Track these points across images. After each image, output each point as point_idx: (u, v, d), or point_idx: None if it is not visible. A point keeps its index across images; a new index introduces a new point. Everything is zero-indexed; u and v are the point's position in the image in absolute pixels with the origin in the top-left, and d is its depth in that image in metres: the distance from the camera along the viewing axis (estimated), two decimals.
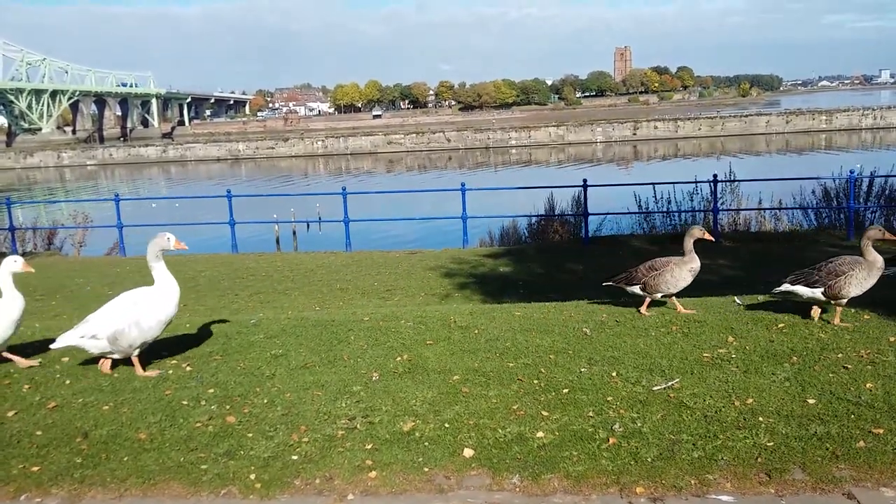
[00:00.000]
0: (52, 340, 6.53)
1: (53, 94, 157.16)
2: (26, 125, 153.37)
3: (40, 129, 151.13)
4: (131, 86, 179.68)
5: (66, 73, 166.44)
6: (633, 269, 7.66)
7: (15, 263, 6.83)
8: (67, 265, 17.44)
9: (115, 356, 6.48)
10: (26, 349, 7.44)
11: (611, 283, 7.85)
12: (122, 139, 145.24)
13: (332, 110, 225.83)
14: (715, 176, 17.08)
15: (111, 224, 19.87)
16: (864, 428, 4.75)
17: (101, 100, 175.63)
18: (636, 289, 7.58)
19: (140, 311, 6.28)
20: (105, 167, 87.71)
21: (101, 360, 6.59)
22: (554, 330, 7.22)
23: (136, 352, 6.43)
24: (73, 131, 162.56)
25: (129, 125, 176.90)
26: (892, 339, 6.34)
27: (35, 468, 4.87)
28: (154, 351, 7.22)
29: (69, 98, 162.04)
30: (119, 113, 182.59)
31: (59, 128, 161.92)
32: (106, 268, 16.51)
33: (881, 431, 4.68)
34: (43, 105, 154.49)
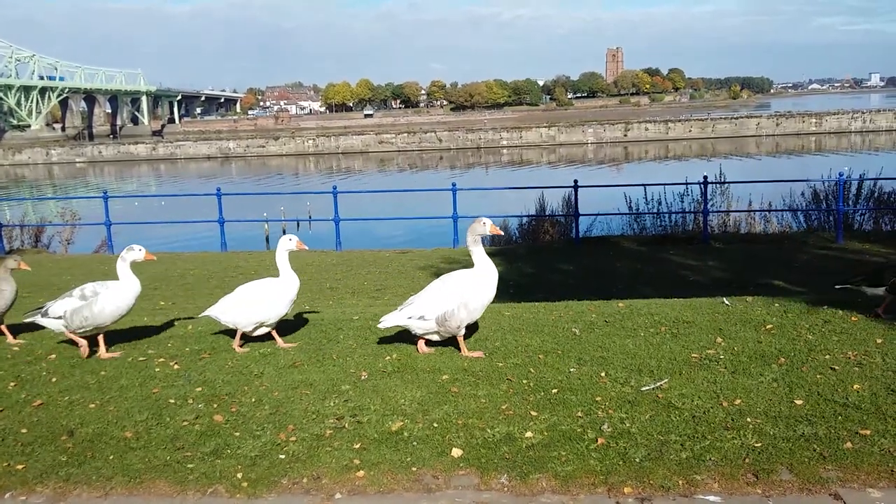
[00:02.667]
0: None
1: (42, 90, 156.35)
2: (15, 122, 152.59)
3: (29, 126, 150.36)
4: (121, 82, 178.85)
5: (56, 69, 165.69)
6: (882, 269, 7.10)
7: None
8: (55, 263, 17.33)
9: (434, 337, 6.58)
10: (15, 343, 7.39)
11: (847, 286, 7.36)
12: (111, 136, 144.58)
13: (323, 109, 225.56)
14: (705, 177, 17.13)
15: (99, 222, 19.75)
16: (851, 429, 4.76)
17: (90, 97, 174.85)
18: (880, 291, 7.02)
19: (467, 293, 6.35)
20: (94, 164, 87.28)
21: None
22: (543, 330, 7.22)
23: (463, 331, 6.49)
24: (63, 128, 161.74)
25: (118, 122, 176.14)
26: (879, 340, 6.37)
27: (20, 466, 4.83)
28: (139, 349, 7.19)
29: (58, 95, 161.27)
30: (109, 110, 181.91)
31: (48, 125, 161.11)
32: (94, 265, 16.41)
33: (868, 433, 4.70)
34: (32, 102, 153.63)
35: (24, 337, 7.86)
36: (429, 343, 6.72)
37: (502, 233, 6.86)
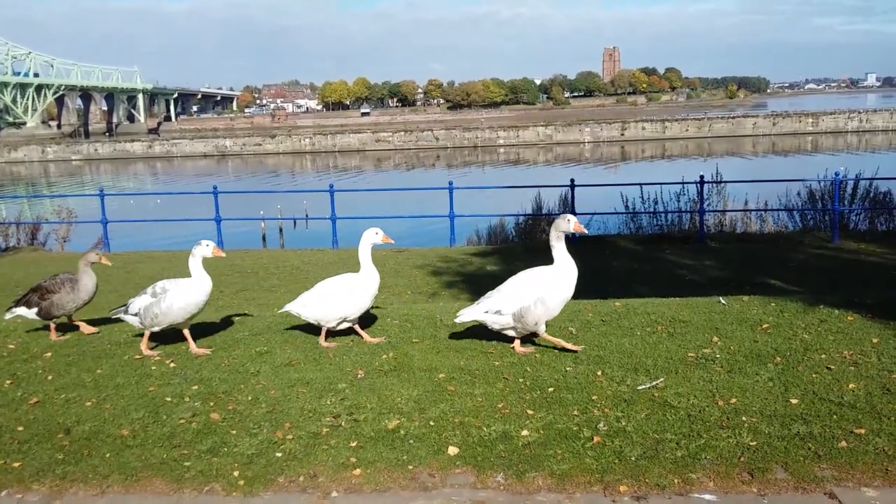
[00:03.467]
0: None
1: (38, 88, 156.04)
2: (11, 119, 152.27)
3: (25, 124, 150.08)
4: (117, 80, 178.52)
5: (52, 67, 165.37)
6: None
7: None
8: (51, 260, 17.30)
9: (511, 333, 6.51)
10: (11, 342, 7.38)
11: None
12: (107, 134, 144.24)
13: (320, 107, 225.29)
14: (701, 177, 17.15)
15: (96, 219, 19.72)
16: (846, 428, 4.78)
17: (86, 94, 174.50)
18: None
19: (545, 290, 6.29)
20: (90, 162, 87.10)
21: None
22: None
23: (542, 328, 6.42)
24: (59, 126, 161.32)
25: (114, 120, 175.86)
26: (874, 340, 6.39)
27: (16, 464, 4.83)
28: (135, 347, 7.18)
29: (54, 92, 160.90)
30: (105, 108, 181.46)
31: (44, 122, 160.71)
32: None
33: (863, 432, 4.72)
34: (28, 99, 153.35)
35: (21, 336, 7.85)
36: (523, 342, 6.63)
37: (586, 231, 6.81)
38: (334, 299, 6.82)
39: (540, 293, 6.28)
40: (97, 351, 7.11)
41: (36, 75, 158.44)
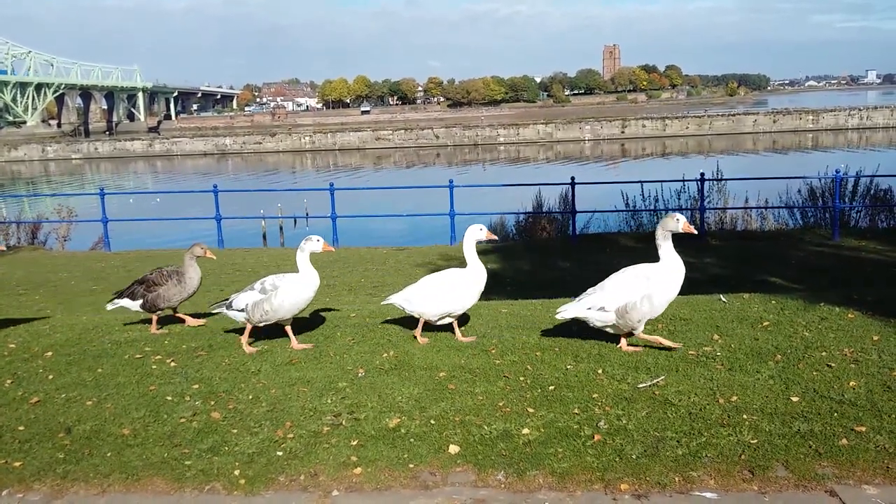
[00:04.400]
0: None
1: (38, 87, 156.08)
2: (11, 118, 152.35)
3: (25, 123, 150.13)
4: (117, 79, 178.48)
5: (52, 66, 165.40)
6: None
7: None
8: (51, 259, 17.31)
9: (609, 330, 6.40)
10: (11, 341, 7.38)
11: None
12: (107, 133, 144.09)
13: (320, 106, 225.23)
14: (702, 174, 17.15)
15: (96, 218, 19.73)
16: (846, 426, 4.78)
17: (86, 93, 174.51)
18: None
19: (653, 287, 6.17)
20: (90, 161, 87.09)
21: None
22: (540, 327, 7.23)
23: (641, 328, 6.33)
24: (59, 125, 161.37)
25: (114, 119, 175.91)
26: (875, 337, 6.39)
27: (17, 463, 4.83)
28: (135, 346, 7.19)
29: (54, 91, 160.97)
30: (105, 106, 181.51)
31: (43, 121, 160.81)
32: (90, 262, 16.39)
33: (864, 429, 4.72)
34: (28, 98, 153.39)
35: (21, 335, 7.85)
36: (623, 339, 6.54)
37: (696, 231, 6.72)
38: (441, 295, 6.74)
39: (647, 290, 6.15)
40: (98, 350, 7.11)
41: (37, 74, 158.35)
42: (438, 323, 6.96)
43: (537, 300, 8.63)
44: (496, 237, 7.08)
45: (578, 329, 7.08)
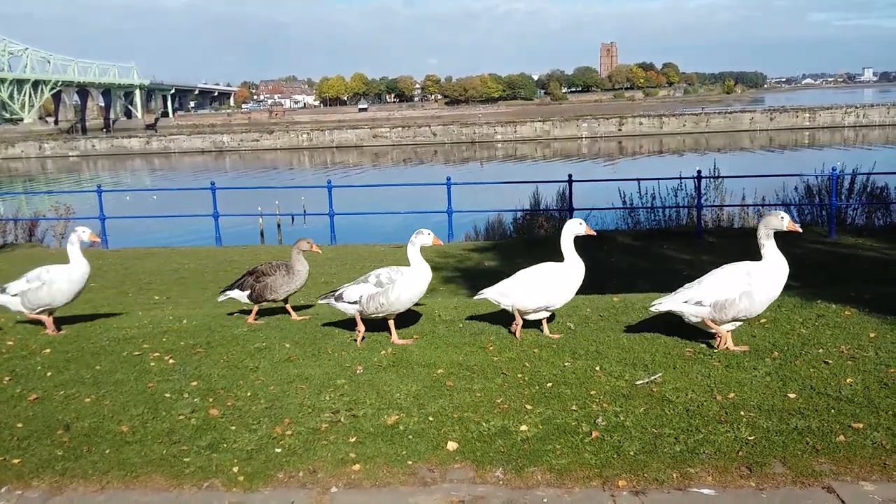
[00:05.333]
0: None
1: (35, 84, 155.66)
2: (8, 115, 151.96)
3: (22, 120, 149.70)
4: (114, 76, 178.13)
5: (49, 63, 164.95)
6: None
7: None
8: (49, 257, 17.27)
9: (713, 328, 6.25)
10: (10, 338, 7.38)
11: None
12: (104, 130, 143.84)
13: (317, 103, 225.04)
14: (699, 172, 17.17)
15: (93, 216, 19.70)
16: (843, 422, 4.80)
17: (83, 90, 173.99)
18: None
19: (754, 285, 6.08)
20: (87, 158, 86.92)
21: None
22: (538, 324, 7.23)
23: (732, 326, 6.25)
24: (56, 122, 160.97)
25: (112, 116, 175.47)
26: (872, 334, 6.41)
27: (16, 460, 4.83)
28: (134, 343, 7.19)
29: (51, 88, 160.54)
30: (102, 104, 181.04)
31: (41, 118, 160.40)
32: (89, 259, 16.34)
33: (861, 426, 4.73)
34: (25, 95, 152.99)
35: (20, 332, 7.85)
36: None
37: (800, 230, 6.68)
38: (539, 289, 6.65)
39: (747, 287, 6.06)
40: (96, 347, 7.11)
41: (34, 71, 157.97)
42: (531, 318, 6.84)
43: None
44: (594, 232, 6.98)
45: (575, 326, 7.10)
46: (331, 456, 4.73)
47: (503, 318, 7.58)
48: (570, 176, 17.64)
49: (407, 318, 7.67)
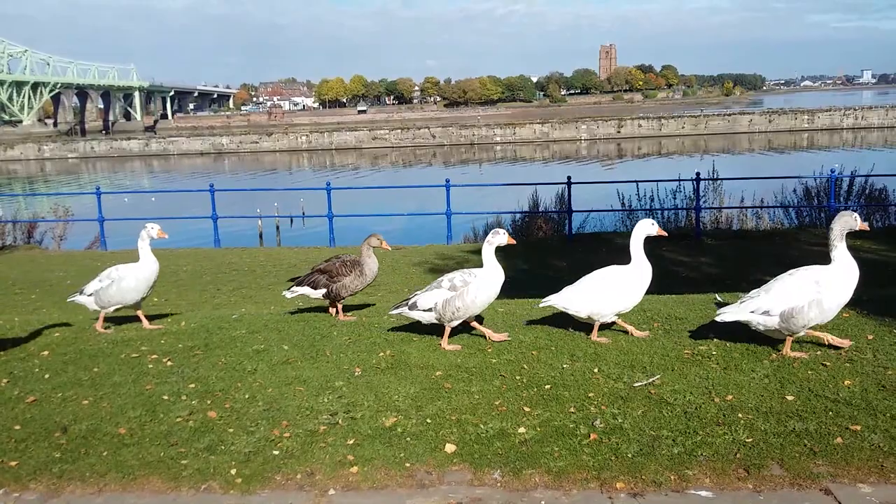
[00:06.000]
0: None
1: (35, 86, 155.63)
2: (7, 117, 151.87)
3: (21, 122, 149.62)
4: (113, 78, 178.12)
5: (48, 65, 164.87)
6: None
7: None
8: (48, 259, 17.28)
9: (770, 335, 6.14)
10: (6, 343, 7.37)
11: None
12: (104, 132, 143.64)
13: (316, 105, 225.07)
14: (698, 174, 17.19)
15: (92, 218, 19.70)
16: (841, 425, 4.80)
17: (83, 92, 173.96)
18: None
19: (823, 291, 5.92)
20: (87, 160, 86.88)
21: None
22: (536, 326, 7.24)
23: (802, 333, 6.11)
24: (55, 124, 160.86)
25: (111, 118, 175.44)
26: (870, 336, 6.41)
27: (13, 463, 4.83)
28: (132, 345, 7.18)
29: (51, 90, 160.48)
30: (101, 106, 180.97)
31: (40, 120, 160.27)
32: (87, 262, 16.35)
33: (858, 428, 4.74)
34: (24, 97, 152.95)
35: (17, 334, 7.84)
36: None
37: (868, 228, 6.62)
38: (607, 293, 6.55)
39: (816, 295, 5.88)
40: (94, 349, 7.10)
41: (34, 73, 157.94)
42: (606, 321, 6.75)
43: (533, 299, 8.62)
44: (665, 233, 6.88)
45: (574, 328, 7.10)
46: (329, 458, 4.72)
47: (502, 319, 7.58)
48: (568, 178, 17.66)
49: (406, 319, 7.67)
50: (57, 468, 4.74)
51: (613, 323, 6.90)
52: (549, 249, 15.70)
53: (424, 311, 6.73)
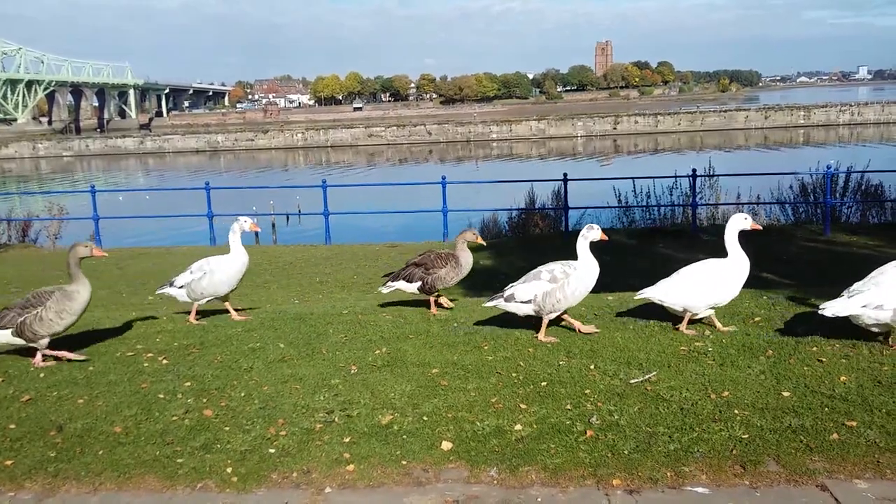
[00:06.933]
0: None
1: (29, 84, 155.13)
2: (1, 115, 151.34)
3: (15, 120, 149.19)
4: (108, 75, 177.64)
5: (42, 62, 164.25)
6: None
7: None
8: (42, 257, 17.24)
9: (875, 329, 6.01)
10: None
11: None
12: (98, 130, 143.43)
13: (312, 102, 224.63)
14: (694, 171, 17.20)
15: (87, 216, 19.65)
16: (837, 420, 4.80)
17: (77, 90, 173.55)
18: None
19: None
20: (81, 158, 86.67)
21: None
22: (533, 323, 7.23)
23: None
24: (49, 122, 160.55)
25: (106, 116, 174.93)
26: None
27: (8, 462, 4.81)
28: (127, 343, 7.16)
29: (45, 88, 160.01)
30: (96, 104, 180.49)
31: (34, 118, 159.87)
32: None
33: (854, 424, 4.74)
34: (18, 95, 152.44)
35: None
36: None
37: (760, 227, 6.67)
38: (704, 286, 6.54)
39: None
40: (89, 348, 7.08)
41: (27, 71, 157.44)
42: (700, 316, 6.73)
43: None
44: (760, 227, 6.86)
45: (570, 325, 7.09)
46: (325, 456, 4.72)
47: (497, 317, 7.57)
48: (565, 175, 17.65)
49: (405, 317, 7.67)
50: (52, 467, 4.73)
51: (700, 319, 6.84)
52: (545, 246, 15.69)
53: (522, 302, 6.74)
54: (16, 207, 27.52)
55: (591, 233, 6.76)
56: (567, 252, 8.12)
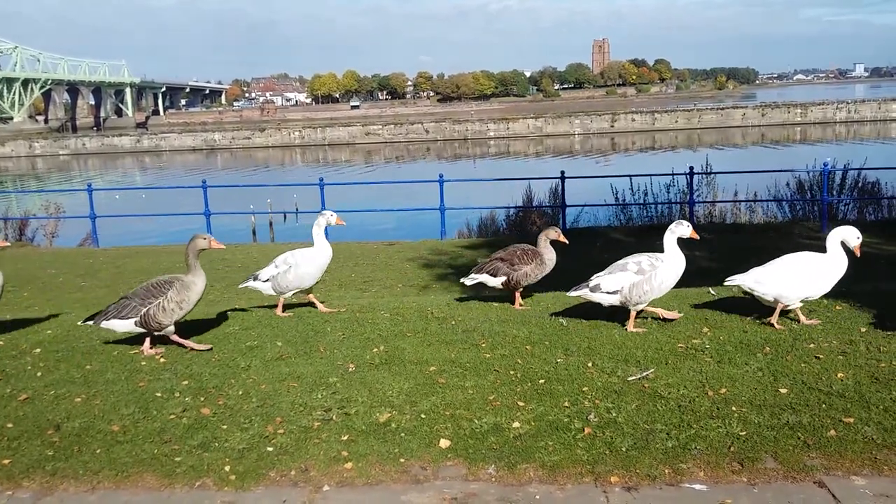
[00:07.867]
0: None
1: (25, 82, 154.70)
2: None
3: (12, 119, 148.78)
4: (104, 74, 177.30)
5: (39, 61, 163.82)
6: None
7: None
8: (39, 256, 17.20)
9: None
10: (3, 338, 7.34)
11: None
12: (95, 129, 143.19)
13: (309, 101, 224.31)
14: (691, 168, 17.20)
15: (84, 214, 19.62)
16: (835, 417, 4.81)
17: (74, 88, 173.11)
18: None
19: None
20: (78, 157, 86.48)
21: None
22: (531, 321, 7.24)
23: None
24: (46, 120, 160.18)
25: (102, 114, 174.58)
26: (863, 329, 6.43)
27: (6, 461, 4.81)
28: (125, 342, 7.16)
29: (41, 87, 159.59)
30: (92, 102, 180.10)
31: (31, 117, 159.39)
32: (79, 259, 16.30)
33: (852, 420, 4.75)
34: (14, 94, 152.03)
35: (9, 332, 7.80)
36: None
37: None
38: (801, 278, 6.52)
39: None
40: (86, 347, 7.07)
41: (24, 69, 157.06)
42: (791, 307, 6.70)
43: (532, 295, 8.63)
44: (860, 238, 6.81)
45: (568, 322, 7.10)
46: (323, 454, 4.72)
47: (496, 314, 7.58)
48: (562, 172, 17.65)
49: (403, 315, 7.66)
50: (50, 466, 4.72)
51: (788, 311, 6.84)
52: None
53: (608, 293, 6.76)
54: (13, 206, 27.48)
55: (680, 228, 6.85)
56: (564, 249, 8.13)
